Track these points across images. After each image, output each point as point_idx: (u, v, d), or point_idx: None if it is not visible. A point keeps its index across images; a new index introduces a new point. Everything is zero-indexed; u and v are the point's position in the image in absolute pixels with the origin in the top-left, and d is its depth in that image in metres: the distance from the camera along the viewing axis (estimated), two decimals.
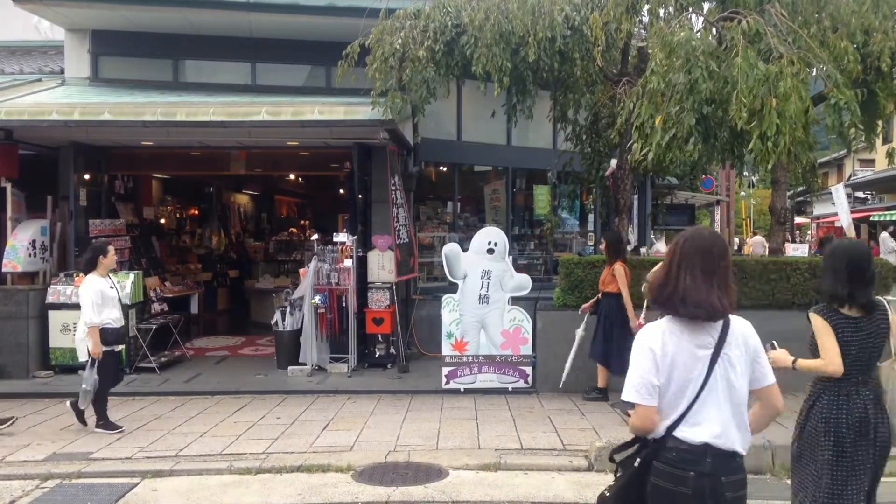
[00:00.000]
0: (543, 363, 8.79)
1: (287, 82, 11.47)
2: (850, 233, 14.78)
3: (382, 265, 9.98)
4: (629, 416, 2.83)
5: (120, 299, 7.48)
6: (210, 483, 5.85)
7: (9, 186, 10.09)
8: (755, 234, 33.66)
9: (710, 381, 2.83)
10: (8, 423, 7.26)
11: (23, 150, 10.17)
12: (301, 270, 10.68)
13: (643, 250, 14.74)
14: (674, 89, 7.73)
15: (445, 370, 8.79)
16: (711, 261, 2.86)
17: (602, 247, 8.55)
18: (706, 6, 9.46)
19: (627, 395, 2.83)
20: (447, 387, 8.72)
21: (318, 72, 11.58)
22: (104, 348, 7.11)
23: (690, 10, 8.88)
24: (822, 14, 8.40)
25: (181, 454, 6.48)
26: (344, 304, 9.87)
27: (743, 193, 39.72)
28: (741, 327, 2.95)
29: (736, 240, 29.62)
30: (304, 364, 9.69)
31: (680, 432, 2.80)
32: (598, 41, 8.54)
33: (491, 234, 8.95)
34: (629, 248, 11.21)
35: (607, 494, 2.98)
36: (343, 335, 9.85)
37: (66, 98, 10.18)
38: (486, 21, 8.79)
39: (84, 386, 7.02)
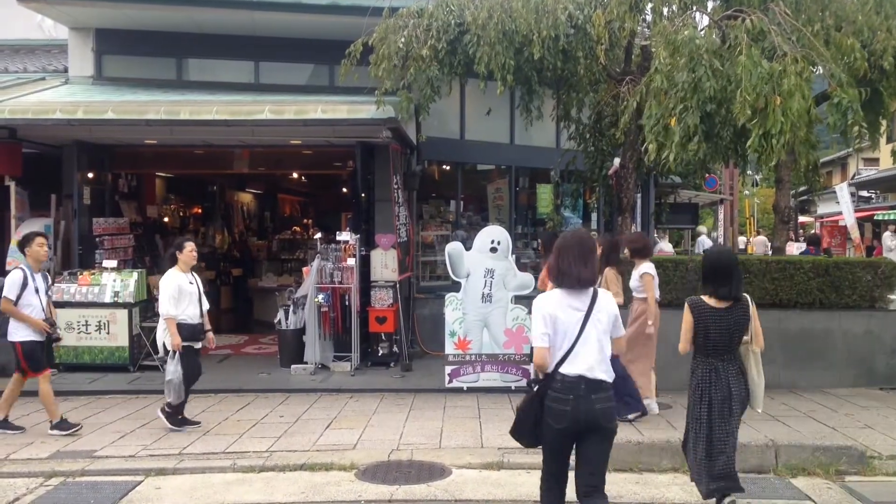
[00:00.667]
0: None
1: (290, 81, 11.47)
2: (854, 232, 14.77)
3: (385, 264, 9.98)
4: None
5: (200, 296, 7.34)
6: (213, 481, 5.86)
7: (12, 185, 10.11)
8: (759, 233, 33.59)
9: (584, 333, 4.15)
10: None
11: (26, 148, 10.20)
12: (304, 269, 10.69)
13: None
14: (677, 88, 7.73)
15: (448, 369, 8.79)
16: (580, 251, 4.23)
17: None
18: (710, 4, 9.47)
19: (534, 342, 4.27)
20: (450, 385, 8.72)
21: (321, 70, 11.59)
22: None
23: (694, 8, 8.88)
24: (826, 13, 8.39)
25: (184, 452, 6.49)
26: (347, 303, 9.87)
27: (747, 192, 39.63)
28: (605, 298, 4.31)
29: (742, 239, 29.53)
30: (308, 363, 9.69)
31: (563, 369, 4.14)
32: (602, 40, 8.53)
33: (494, 233, 8.94)
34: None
35: (519, 406, 4.41)
36: (346, 334, 9.85)
37: (69, 97, 10.20)
38: (489, 19, 8.79)
39: (169, 378, 6.95)
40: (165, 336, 7.12)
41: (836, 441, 6.56)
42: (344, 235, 10.05)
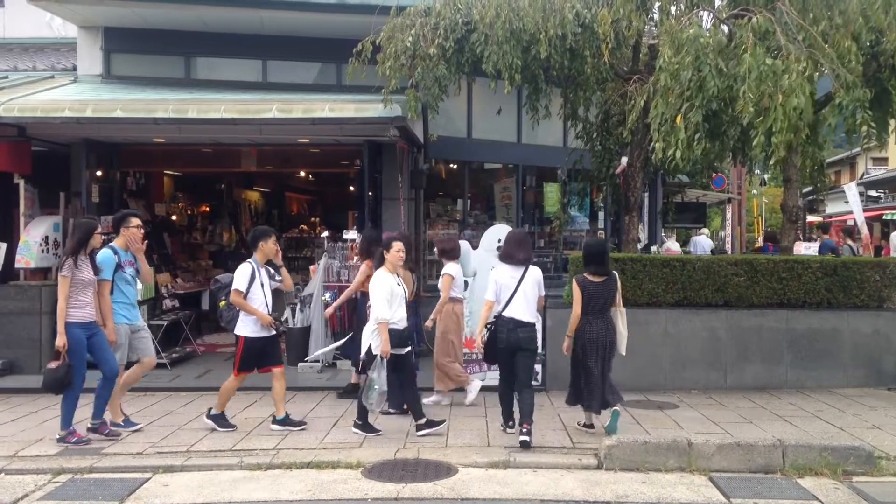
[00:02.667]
0: (553, 361, 8.77)
1: (298, 79, 11.51)
2: (864, 231, 14.70)
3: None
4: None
5: (405, 298, 7.07)
6: (221, 479, 5.88)
7: (21, 182, 10.15)
8: (767, 231, 33.48)
9: (517, 292, 6.73)
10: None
11: (35, 146, 10.23)
12: (311, 267, 10.70)
13: (654, 248, 14.70)
14: (683, 87, 7.72)
15: None
16: (518, 242, 6.95)
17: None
18: (717, 3, 9.43)
19: (486, 297, 6.88)
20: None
21: (328, 69, 11.61)
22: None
23: (701, 6, 8.86)
24: (833, 11, 8.37)
25: (192, 450, 6.51)
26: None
27: (755, 192, 39.52)
28: (534, 270, 6.88)
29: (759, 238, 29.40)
30: (315, 361, 9.70)
31: (505, 313, 6.73)
32: (609, 38, 8.52)
33: (501, 232, 8.89)
34: (640, 245, 11.20)
35: (485, 339, 6.90)
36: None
37: (78, 95, 10.24)
38: (496, 18, 8.78)
39: (377, 387, 6.60)
40: (374, 339, 6.77)
41: (843, 441, 6.54)
42: (351, 234, 10.07)
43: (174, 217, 14.28)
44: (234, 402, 8.23)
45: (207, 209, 16.37)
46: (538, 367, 8.76)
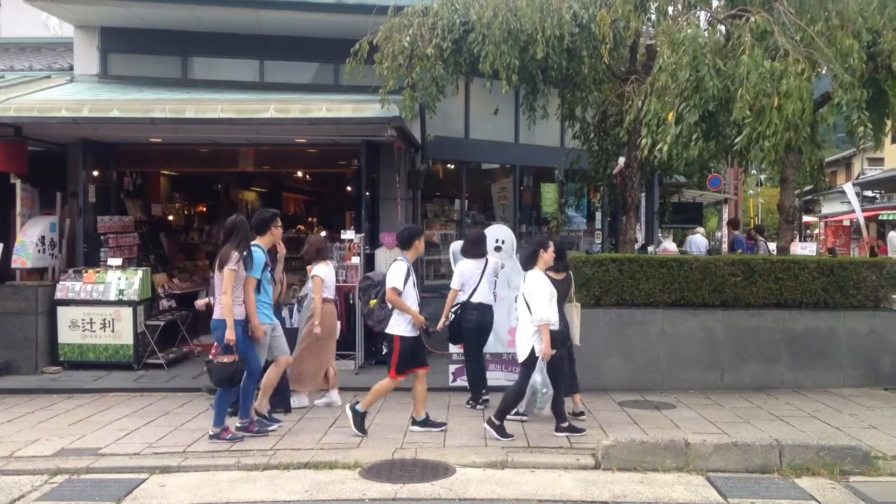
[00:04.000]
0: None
1: (295, 79, 11.50)
2: (864, 230, 14.76)
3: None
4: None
5: (556, 298, 6.91)
6: (218, 479, 5.87)
7: (18, 182, 10.14)
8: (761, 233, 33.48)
9: (481, 281, 7.81)
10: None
11: (32, 146, 10.22)
12: (309, 268, 10.67)
13: (650, 249, 14.71)
14: (680, 87, 7.73)
15: (452, 368, 8.79)
16: (477, 239, 8.10)
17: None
18: (714, 3, 9.45)
19: (452, 286, 7.88)
20: (454, 384, 8.71)
21: (326, 69, 11.61)
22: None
23: (698, 7, 8.87)
24: (830, 12, 8.38)
25: (189, 450, 6.50)
26: (351, 302, 9.87)
27: (751, 192, 39.58)
28: (492, 262, 7.95)
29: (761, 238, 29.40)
30: None
31: (473, 299, 7.79)
32: (607, 39, 8.53)
33: (498, 232, 8.92)
34: (637, 246, 11.20)
35: (450, 322, 7.86)
36: (350, 332, 9.85)
37: (75, 95, 10.22)
38: (494, 19, 8.79)
39: (545, 391, 6.52)
40: (536, 341, 6.63)
41: (840, 441, 6.55)
42: (348, 234, 10.06)
43: (171, 217, 14.25)
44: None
45: (204, 209, 16.34)
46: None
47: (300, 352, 7.97)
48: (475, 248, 8.02)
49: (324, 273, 8.00)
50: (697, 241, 17.84)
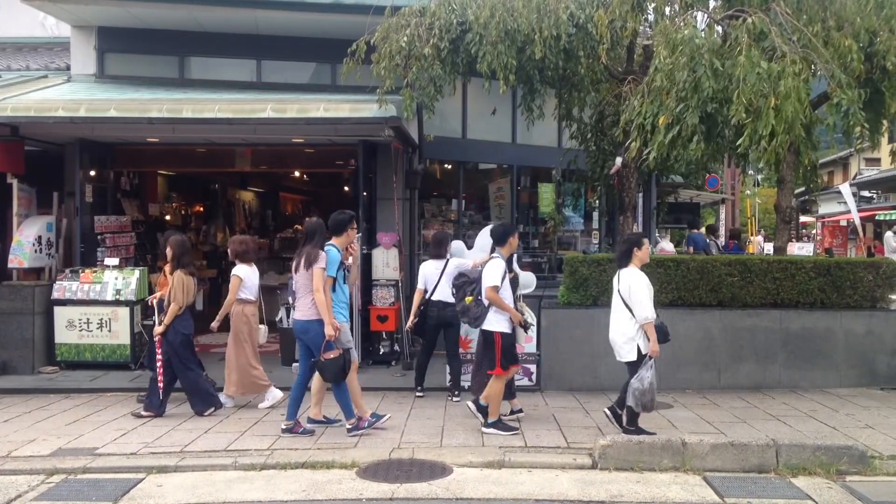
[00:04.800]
0: (548, 361, 8.80)
1: (292, 79, 11.49)
2: (861, 231, 14.78)
3: (387, 262, 9.99)
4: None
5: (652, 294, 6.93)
6: (215, 479, 5.87)
7: (14, 182, 10.13)
8: (759, 233, 33.60)
9: (440, 280, 8.25)
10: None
11: (29, 146, 10.20)
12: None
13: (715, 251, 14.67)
14: (678, 87, 7.74)
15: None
16: (439, 241, 8.60)
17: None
18: (712, 4, 9.46)
19: (417, 286, 8.50)
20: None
21: (323, 69, 11.60)
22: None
23: (696, 7, 8.88)
24: (828, 13, 8.40)
25: (186, 450, 6.50)
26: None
27: (748, 192, 39.60)
28: (452, 262, 8.28)
29: (760, 238, 29.44)
30: None
31: (433, 297, 8.32)
32: (604, 39, 8.53)
33: None
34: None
35: (417, 320, 8.41)
36: None
37: (72, 94, 10.20)
38: (491, 19, 8.79)
39: (640, 386, 6.56)
40: (641, 339, 6.70)
41: (837, 441, 6.57)
42: None
43: (168, 217, 14.25)
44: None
45: (201, 209, 16.35)
46: (533, 368, 8.80)
47: (238, 353, 7.98)
48: (436, 249, 8.54)
49: (244, 273, 8.00)
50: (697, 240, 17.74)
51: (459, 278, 7.35)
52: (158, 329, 7.67)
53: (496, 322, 6.92)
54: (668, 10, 8.87)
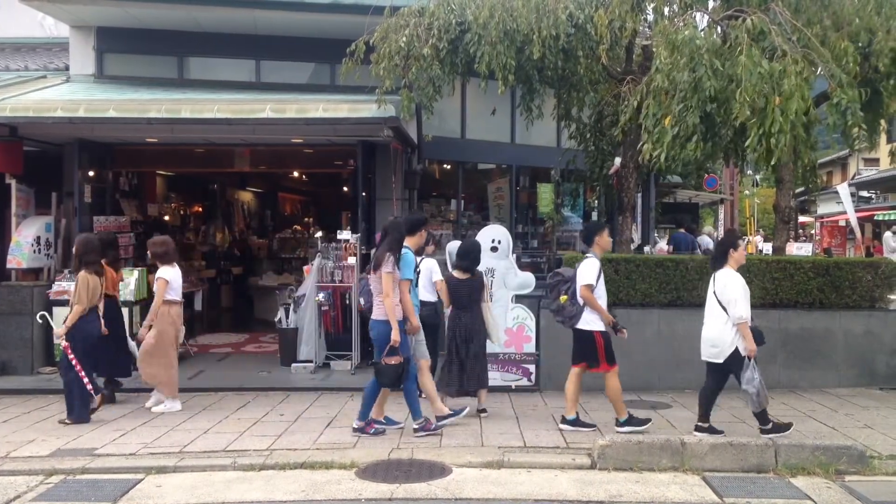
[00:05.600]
0: (547, 361, 8.79)
1: (291, 80, 11.49)
2: (857, 231, 14.80)
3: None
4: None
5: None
6: (214, 479, 5.87)
7: (13, 182, 10.12)
8: (758, 233, 33.64)
9: (418, 279, 7.35)
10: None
11: (27, 146, 10.19)
12: (305, 268, 10.69)
13: (647, 249, 14.71)
14: (678, 87, 7.74)
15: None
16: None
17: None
18: (711, 4, 9.47)
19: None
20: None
21: (322, 69, 11.60)
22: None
23: (695, 7, 8.88)
24: (826, 13, 8.41)
25: (185, 450, 6.50)
26: (347, 302, 9.88)
27: (747, 192, 39.64)
28: (427, 260, 7.92)
29: (759, 238, 29.43)
30: (309, 361, 9.70)
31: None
32: (603, 39, 8.54)
33: (495, 233, 8.93)
34: (633, 246, 11.21)
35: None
36: (346, 332, 9.85)
37: (70, 95, 10.20)
38: (490, 19, 8.79)
39: (750, 389, 6.49)
40: (738, 340, 6.63)
41: (835, 441, 6.57)
42: (344, 234, 10.06)
43: (167, 217, 14.25)
44: (228, 402, 8.25)
45: (200, 209, 16.35)
46: (532, 368, 8.80)
47: (145, 355, 7.87)
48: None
49: (170, 275, 7.94)
50: (705, 242, 17.64)
51: (554, 277, 7.25)
52: (59, 330, 7.57)
53: (593, 321, 6.90)
54: (667, 10, 8.88)
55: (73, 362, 7.33)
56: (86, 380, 7.37)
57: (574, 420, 7.09)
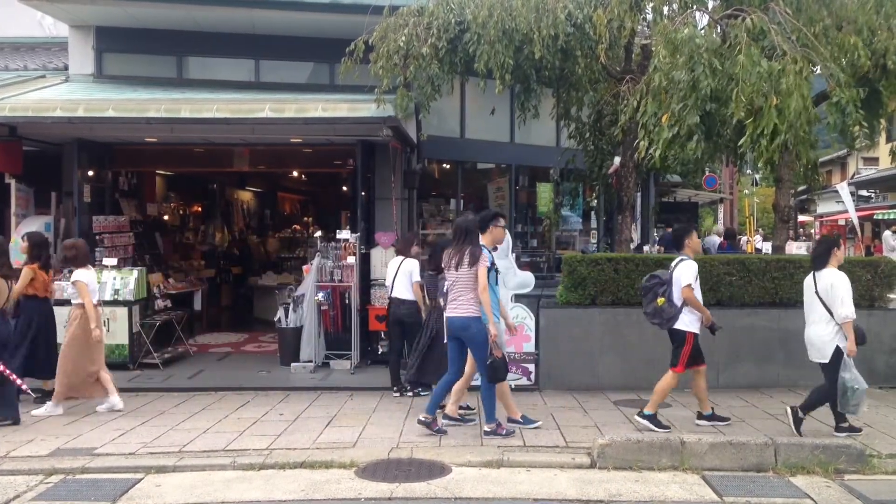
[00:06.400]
0: (546, 361, 8.80)
1: (291, 79, 11.49)
2: (858, 230, 14.79)
3: (385, 262, 9.97)
4: None
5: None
6: (213, 479, 5.86)
7: (13, 182, 10.12)
8: (757, 232, 33.66)
9: (396, 278, 8.51)
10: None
11: (27, 146, 10.20)
12: (305, 267, 10.70)
13: (646, 248, 14.73)
14: (677, 87, 7.74)
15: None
16: (406, 238, 9.07)
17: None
18: (711, 3, 9.46)
19: (387, 283, 8.70)
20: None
21: (321, 69, 11.60)
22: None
23: (694, 7, 8.88)
24: (827, 12, 8.41)
25: (185, 450, 6.49)
26: (347, 301, 9.88)
27: (746, 191, 39.63)
28: (407, 261, 8.47)
29: (759, 237, 29.43)
30: (308, 361, 9.70)
31: (392, 294, 8.55)
32: (602, 39, 8.54)
33: None
34: (632, 246, 11.22)
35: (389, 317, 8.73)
36: (346, 332, 9.86)
37: (70, 94, 10.20)
38: (489, 18, 8.79)
39: (857, 387, 6.49)
40: (839, 339, 6.66)
41: (835, 440, 6.57)
42: (344, 234, 10.06)
43: (166, 217, 14.25)
44: (228, 401, 8.24)
45: (200, 209, 16.34)
46: (531, 367, 8.80)
47: (65, 360, 7.73)
48: (399, 245, 8.98)
49: (86, 278, 7.87)
50: (714, 242, 17.44)
51: (651, 280, 7.26)
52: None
53: (689, 322, 7.01)
54: (666, 9, 8.88)
55: None
56: (13, 377, 7.20)
57: (710, 415, 7.25)
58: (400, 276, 8.49)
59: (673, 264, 7.23)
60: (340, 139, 10.49)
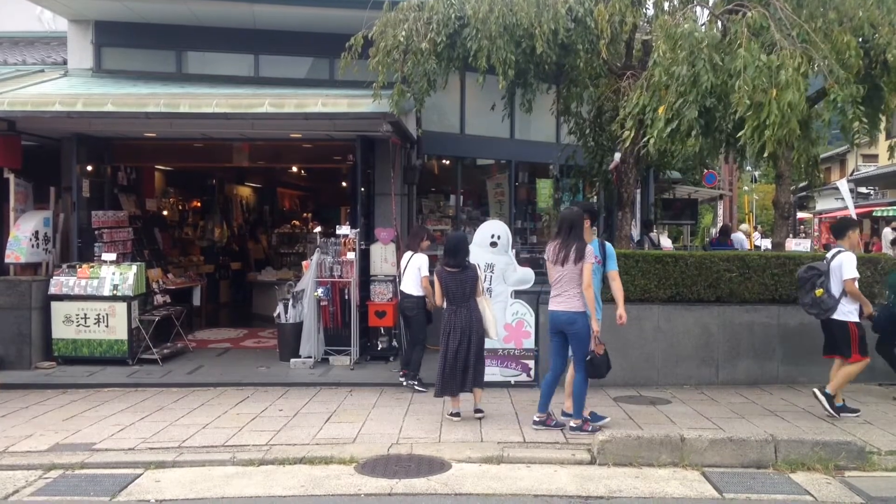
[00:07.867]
0: (546, 357, 8.78)
1: (290, 74, 11.46)
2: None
3: (385, 258, 9.98)
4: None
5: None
6: (213, 474, 5.86)
7: (12, 177, 10.10)
8: (755, 229, 33.67)
9: (405, 271, 8.70)
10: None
11: (26, 140, 10.17)
12: (304, 263, 10.69)
13: (647, 245, 14.72)
14: (677, 81, 7.72)
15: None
16: (414, 233, 9.20)
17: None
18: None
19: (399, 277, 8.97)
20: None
21: (321, 64, 11.57)
22: None
23: (695, 2, 8.87)
24: (827, 7, 8.39)
25: (184, 445, 6.49)
26: (346, 297, 9.87)
27: (746, 188, 39.64)
28: (416, 257, 8.66)
29: (757, 234, 29.35)
30: (308, 356, 9.69)
31: (400, 288, 8.82)
32: (604, 34, 8.51)
33: (494, 228, 8.91)
34: (633, 242, 11.21)
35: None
36: (345, 328, 9.85)
37: (69, 89, 10.17)
38: (489, 13, 8.75)
39: None
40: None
41: (835, 436, 6.57)
42: (343, 229, 10.04)
43: (165, 212, 14.24)
44: (227, 397, 8.24)
45: (199, 205, 16.33)
46: (531, 364, 8.79)
47: None
48: (408, 240, 9.25)
49: None
50: (740, 240, 17.32)
51: (809, 271, 7.50)
52: None
53: (849, 312, 7.27)
54: (667, 4, 8.86)
55: None
56: None
57: (842, 407, 7.42)
58: (409, 270, 8.71)
59: (829, 255, 7.47)
60: (340, 135, 10.46)
